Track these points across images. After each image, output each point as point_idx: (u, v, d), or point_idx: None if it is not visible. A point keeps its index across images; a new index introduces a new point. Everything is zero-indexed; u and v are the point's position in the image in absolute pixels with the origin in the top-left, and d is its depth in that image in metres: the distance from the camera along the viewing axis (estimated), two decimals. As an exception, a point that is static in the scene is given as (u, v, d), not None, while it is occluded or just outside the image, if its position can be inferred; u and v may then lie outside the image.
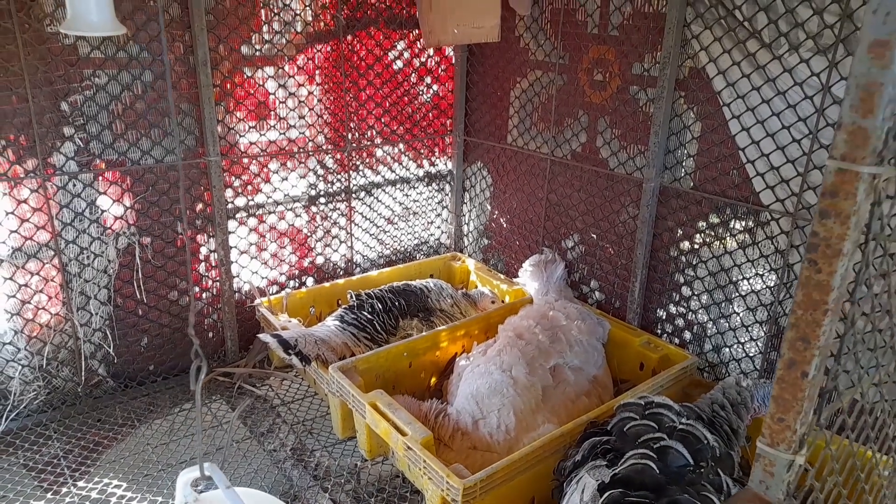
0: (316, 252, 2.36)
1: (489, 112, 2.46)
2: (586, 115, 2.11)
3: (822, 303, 0.64)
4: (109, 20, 1.28)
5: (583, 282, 2.25)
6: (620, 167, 2.03)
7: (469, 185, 2.65)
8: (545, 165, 2.28)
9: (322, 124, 2.21)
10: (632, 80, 1.94)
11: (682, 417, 1.36)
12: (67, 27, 1.30)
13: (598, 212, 2.13)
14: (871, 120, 0.59)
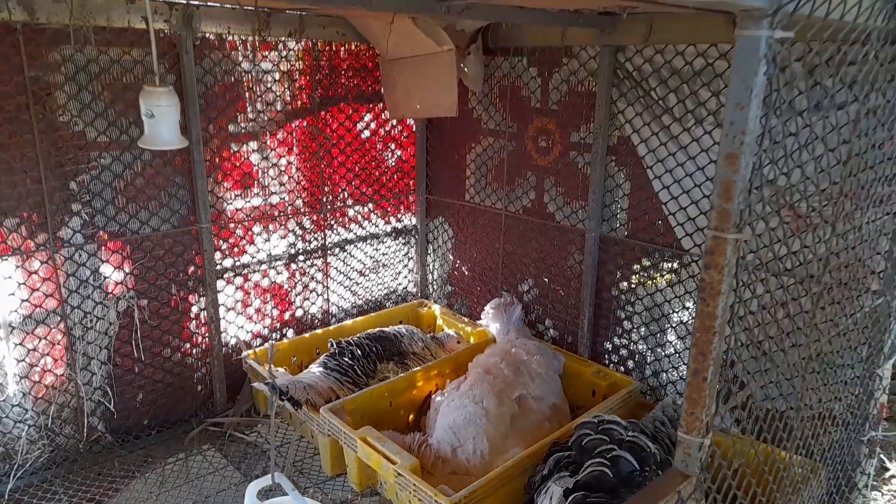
0: (296, 305, 2.57)
1: (448, 173, 2.76)
2: (534, 176, 2.43)
3: (711, 327, 0.93)
4: (177, 137, 1.61)
5: (538, 321, 2.53)
6: (566, 220, 2.35)
7: (432, 238, 2.92)
8: (500, 219, 2.58)
9: (300, 189, 2.45)
10: (571, 146, 2.28)
11: (629, 431, 1.63)
12: (144, 143, 1.62)
13: (549, 259, 2.43)
14: (730, 204, 0.89)
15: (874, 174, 1.56)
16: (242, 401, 2.37)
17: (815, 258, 1.53)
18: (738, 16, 0.81)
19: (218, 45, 2.09)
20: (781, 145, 1.04)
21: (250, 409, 2.37)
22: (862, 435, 1.69)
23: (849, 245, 1.62)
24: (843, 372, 1.70)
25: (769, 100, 0.88)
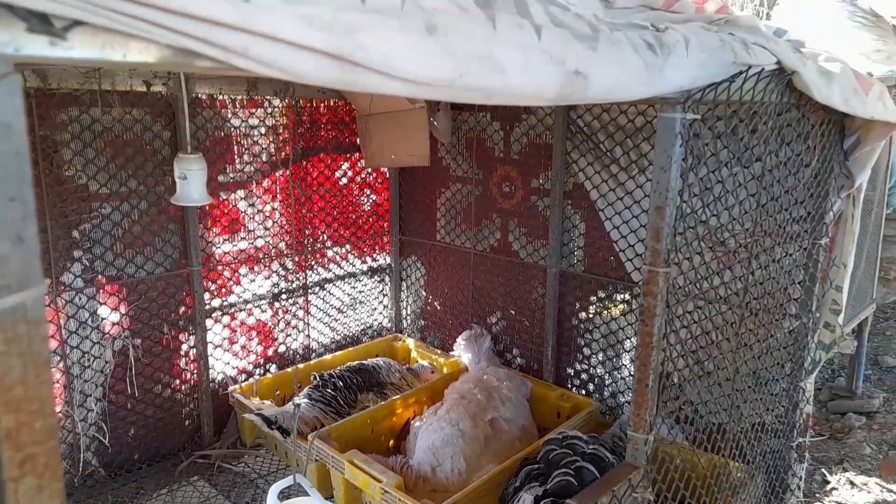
0: (278, 342, 2.72)
1: (420, 215, 2.98)
2: (499, 218, 2.67)
3: (650, 343, 1.15)
4: (204, 195, 1.89)
5: (507, 350, 2.74)
6: (529, 257, 2.58)
7: (406, 276, 3.12)
8: (469, 257, 2.80)
9: (283, 233, 2.63)
10: (532, 191, 2.53)
11: (590, 445, 1.84)
12: (177, 200, 1.89)
13: (514, 293, 2.66)
14: (659, 245, 1.12)
15: (788, 215, 1.84)
16: (229, 433, 2.48)
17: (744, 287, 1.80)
18: (659, 103, 1.06)
19: (210, 104, 2.29)
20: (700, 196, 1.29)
21: (236, 441, 2.49)
22: (791, 441, 1.93)
23: (771, 275, 1.90)
24: (772, 386, 1.95)
25: (685, 162, 1.13)
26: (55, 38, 0.39)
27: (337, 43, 0.50)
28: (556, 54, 0.70)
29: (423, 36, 0.56)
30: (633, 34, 0.84)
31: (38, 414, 0.42)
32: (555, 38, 0.71)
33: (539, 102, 0.70)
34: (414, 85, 0.58)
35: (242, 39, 0.45)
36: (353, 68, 0.53)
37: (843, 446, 3.72)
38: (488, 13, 0.64)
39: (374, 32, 0.53)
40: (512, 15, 0.67)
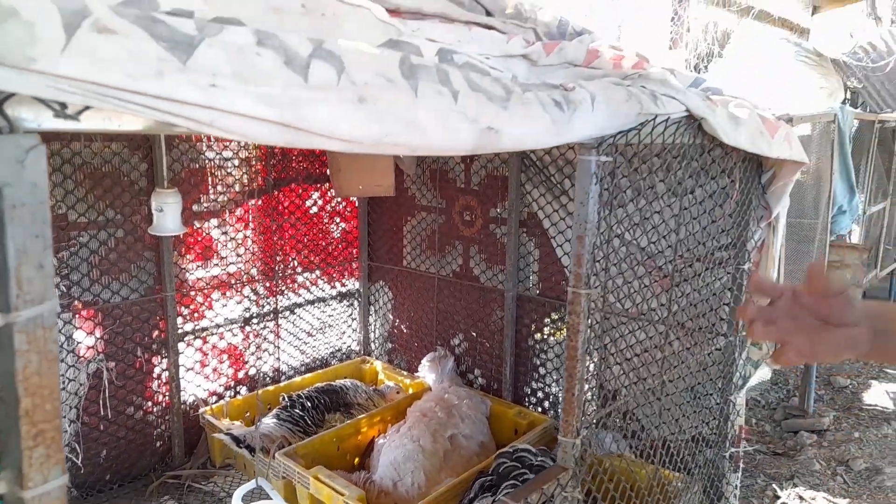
0: (249, 364, 2.82)
1: (387, 242, 3.13)
2: (461, 244, 2.83)
3: (575, 356, 1.31)
4: (179, 226, 2.07)
5: (469, 370, 2.88)
6: (488, 281, 2.74)
7: (374, 300, 3.25)
8: (433, 282, 2.95)
9: (255, 260, 2.76)
10: (490, 220, 2.70)
11: (538, 457, 1.97)
12: (154, 230, 2.06)
13: (475, 316, 2.81)
14: (581, 269, 1.28)
15: (716, 242, 2.03)
16: (199, 454, 2.57)
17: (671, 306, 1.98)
18: (577, 147, 1.23)
19: (186, 138, 2.43)
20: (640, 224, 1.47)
21: (206, 461, 2.57)
22: (724, 452, 2.09)
23: (703, 297, 2.08)
24: (706, 400, 2.12)
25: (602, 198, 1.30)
26: (71, 120, 0.53)
27: (284, 115, 0.66)
28: (470, 114, 0.87)
29: (355, 105, 0.72)
30: (543, 94, 1.01)
31: (49, 398, 0.56)
32: (470, 101, 0.87)
33: (457, 154, 0.86)
34: (349, 143, 0.74)
35: (209, 115, 0.61)
36: (298, 133, 0.68)
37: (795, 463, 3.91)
38: (412, 83, 0.80)
39: (314, 105, 0.68)
40: (433, 83, 0.83)
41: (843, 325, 0.88)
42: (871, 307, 0.94)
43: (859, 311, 0.90)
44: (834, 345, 0.89)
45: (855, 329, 0.89)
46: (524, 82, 1.03)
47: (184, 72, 0.59)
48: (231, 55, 0.63)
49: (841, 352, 0.92)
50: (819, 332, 0.87)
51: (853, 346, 0.91)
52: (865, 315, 0.91)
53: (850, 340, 0.89)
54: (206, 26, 0.63)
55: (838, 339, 0.89)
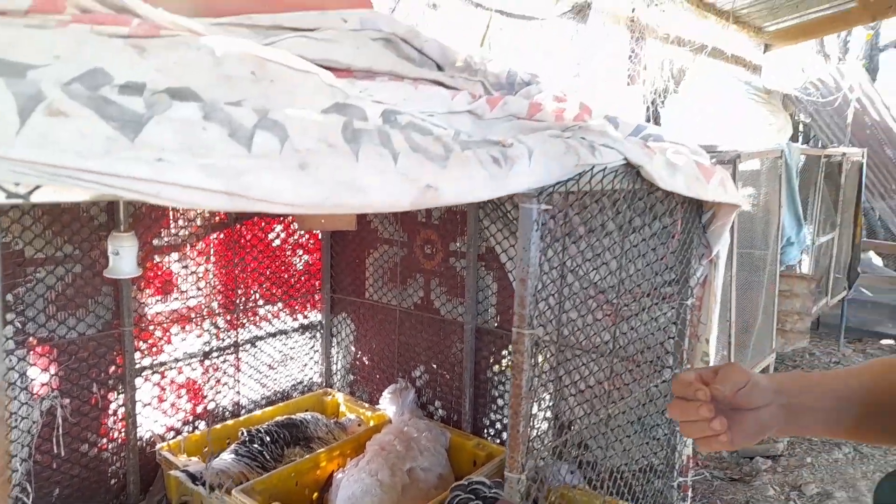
0: (208, 399, 2.80)
1: (350, 274, 3.16)
2: (422, 277, 2.89)
3: (519, 394, 1.37)
4: (135, 269, 2.09)
5: (429, 402, 2.91)
6: (448, 314, 2.80)
7: (336, 332, 3.27)
8: (395, 314, 2.99)
9: (216, 293, 2.76)
10: (450, 253, 2.77)
11: (491, 489, 2.02)
12: (110, 273, 2.07)
13: (436, 348, 2.85)
14: (524, 310, 1.35)
15: (661, 279, 2.13)
16: (155, 491, 2.53)
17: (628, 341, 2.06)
18: (519, 196, 1.31)
19: (147, 173, 2.45)
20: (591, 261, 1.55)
21: (162, 499, 2.54)
22: (672, 482, 2.16)
23: (650, 331, 2.17)
24: (655, 431, 2.19)
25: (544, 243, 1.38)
26: (22, 198, 0.58)
27: (228, 184, 0.71)
28: (410, 175, 0.93)
29: (297, 172, 0.78)
30: (481, 151, 1.08)
31: (-6, 455, 0.59)
32: (410, 162, 0.93)
33: (397, 210, 0.92)
34: (291, 207, 0.79)
35: (155, 188, 0.66)
36: (241, 199, 0.74)
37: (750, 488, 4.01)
38: (354, 147, 0.86)
39: (257, 173, 0.74)
40: (375, 146, 0.90)
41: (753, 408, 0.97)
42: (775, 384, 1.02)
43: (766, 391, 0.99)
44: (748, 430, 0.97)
45: (764, 410, 0.97)
46: (465, 139, 1.10)
47: (132, 149, 0.64)
48: (178, 130, 0.68)
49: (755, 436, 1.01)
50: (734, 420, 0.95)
51: (765, 428, 1.00)
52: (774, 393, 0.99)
53: (760, 423, 0.98)
54: (156, 103, 0.69)
55: (750, 423, 0.97)
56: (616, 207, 1.86)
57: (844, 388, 1.05)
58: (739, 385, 0.96)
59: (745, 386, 0.96)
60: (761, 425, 0.97)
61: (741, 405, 0.96)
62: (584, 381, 2.18)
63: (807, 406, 1.00)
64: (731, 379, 0.96)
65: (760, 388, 0.97)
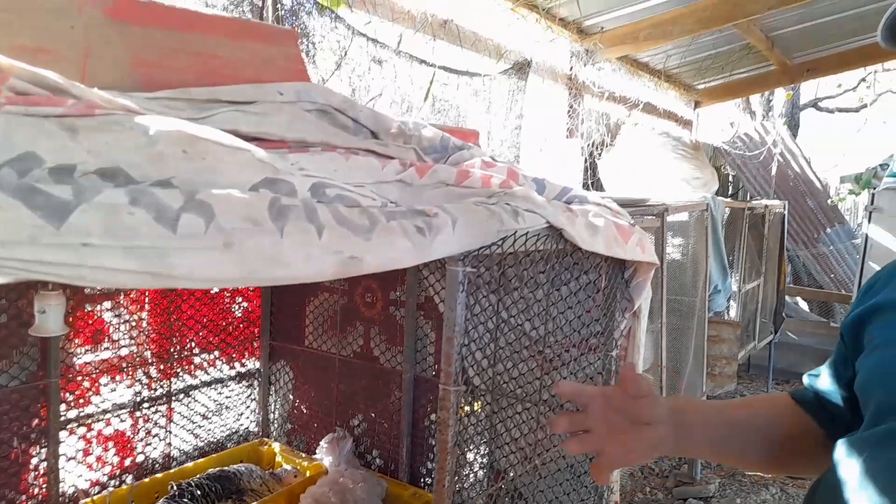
0: (137, 451, 2.72)
1: (290, 322, 3.16)
2: (362, 326, 2.92)
3: (445, 449, 1.41)
4: (61, 327, 2.04)
5: (367, 451, 2.91)
6: (387, 362, 2.82)
7: (274, 381, 3.24)
8: (334, 363, 3.00)
9: (149, 342, 2.71)
10: (390, 302, 2.82)
11: (427, 540, 2.03)
12: (35, 331, 2.01)
13: (375, 396, 2.87)
14: (450, 368, 1.41)
15: (589, 331, 2.24)
16: (76, 551, 2.42)
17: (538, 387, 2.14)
18: (446, 259, 1.39)
19: (82, 221, 2.42)
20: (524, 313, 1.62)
21: (84, 559, 2.43)
22: (602, 527, 2.23)
23: (578, 381, 2.26)
24: (585, 478, 2.26)
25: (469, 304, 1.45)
26: (-55, 285, 0.61)
27: (152, 265, 0.76)
28: (334, 247, 0.99)
29: (220, 251, 0.83)
30: (406, 222, 1.16)
31: None
32: (334, 235, 1.00)
33: (320, 280, 0.98)
34: (214, 282, 0.84)
35: (80, 272, 0.69)
36: (165, 278, 0.78)
37: (683, 529, 4.11)
38: (279, 224, 0.92)
39: (181, 253, 0.79)
40: (300, 221, 0.96)
41: (651, 423, 1.02)
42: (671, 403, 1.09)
43: (663, 407, 1.06)
44: (643, 446, 1.03)
45: (661, 427, 1.04)
46: (392, 210, 1.18)
47: (58, 236, 0.68)
48: (104, 216, 0.73)
49: (650, 453, 1.07)
50: (630, 434, 1.01)
51: (660, 446, 1.06)
52: (669, 413, 1.06)
53: (656, 440, 1.04)
54: (84, 189, 0.73)
55: (647, 439, 1.03)
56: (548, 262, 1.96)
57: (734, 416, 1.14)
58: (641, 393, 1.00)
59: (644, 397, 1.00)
60: (657, 440, 1.01)
61: (640, 417, 1.00)
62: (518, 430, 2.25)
63: (699, 429, 1.08)
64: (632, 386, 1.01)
65: (659, 403, 1.03)
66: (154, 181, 0.83)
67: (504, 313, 2.07)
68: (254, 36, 1.40)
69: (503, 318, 2.09)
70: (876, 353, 1.02)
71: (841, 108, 12.37)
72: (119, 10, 1.20)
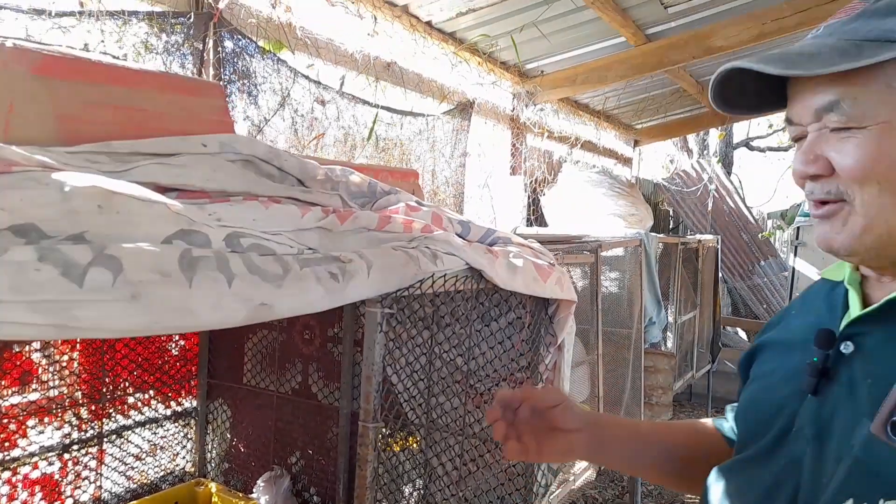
0: (65, 495, 2.65)
1: (228, 360, 3.15)
2: (300, 363, 2.94)
3: (364, 485, 1.47)
4: None
5: (304, 489, 2.90)
6: (325, 399, 2.85)
7: (212, 419, 3.21)
8: (272, 400, 3.00)
9: (80, 382, 2.67)
10: (328, 339, 2.86)
11: (357, 576, 2.05)
12: None
13: (312, 433, 2.88)
14: (369, 405, 1.47)
15: (516, 364, 2.33)
16: None
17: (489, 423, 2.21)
18: (365, 300, 1.46)
19: (11, 260, 2.40)
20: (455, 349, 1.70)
21: None
22: (531, 558, 2.29)
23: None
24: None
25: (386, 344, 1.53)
26: None
27: (56, 318, 0.81)
28: (244, 295, 1.06)
29: (127, 302, 0.89)
30: (320, 268, 1.23)
31: None
32: (245, 284, 1.06)
33: (229, 327, 1.04)
34: (122, 333, 0.90)
35: (-16, 326, 0.74)
36: (71, 330, 0.83)
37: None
38: (188, 275, 0.98)
39: (87, 306, 0.84)
40: (211, 271, 1.02)
41: (566, 430, 1.14)
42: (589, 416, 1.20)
43: (580, 418, 1.17)
44: (555, 450, 1.15)
45: (575, 434, 1.15)
46: (307, 257, 1.25)
47: (-37, 293, 0.73)
48: (12, 273, 0.78)
49: (561, 457, 1.18)
50: (546, 436, 1.13)
51: (572, 451, 1.18)
52: (586, 423, 1.17)
53: (569, 445, 1.15)
54: (-8, 248, 0.78)
55: (559, 444, 1.15)
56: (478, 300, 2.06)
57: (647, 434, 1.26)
58: (554, 402, 1.13)
59: (559, 405, 1.13)
60: (570, 446, 1.13)
61: (556, 423, 1.13)
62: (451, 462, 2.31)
63: (614, 441, 1.19)
64: (548, 395, 1.13)
65: (574, 412, 1.15)
66: (67, 236, 0.89)
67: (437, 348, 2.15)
68: (180, 88, 1.47)
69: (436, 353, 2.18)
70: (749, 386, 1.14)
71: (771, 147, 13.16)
72: (45, 67, 1.25)
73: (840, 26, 0.85)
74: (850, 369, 0.85)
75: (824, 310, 0.99)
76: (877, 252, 0.84)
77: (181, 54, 2.80)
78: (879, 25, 0.80)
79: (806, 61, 0.81)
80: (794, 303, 1.15)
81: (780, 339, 1.09)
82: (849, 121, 0.81)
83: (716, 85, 0.93)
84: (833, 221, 0.85)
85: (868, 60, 0.78)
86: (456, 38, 4.31)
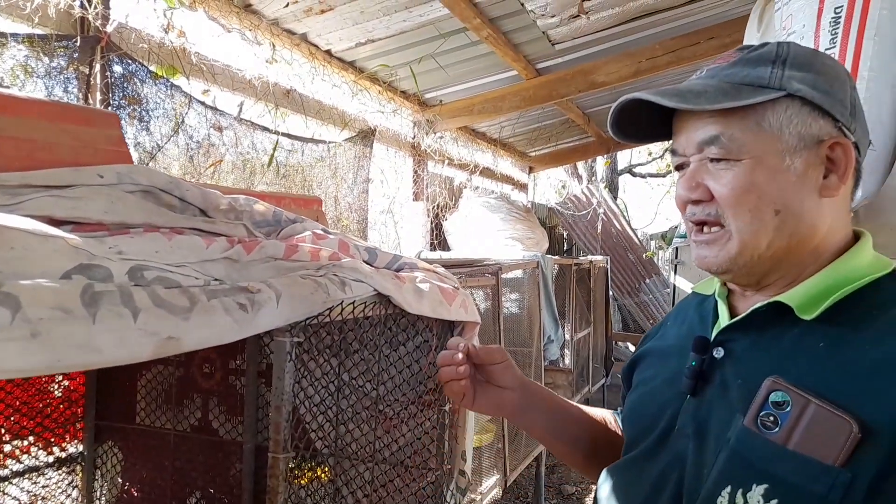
0: (-75, 562, 2.37)
1: (119, 399, 2.97)
2: (200, 398, 2.82)
3: None
4: None
5: (206, 531, 2.77)
6: (227, 434, 2.75)
7: (100, 464, 3.00)
8: (170, 438, 2.86)
9: (-55, 433, 2.42)
10: (230, 371, 2.77)
11: None
12: None
13: (214, 470, 2.76)
14: (279, 436, 1.47)
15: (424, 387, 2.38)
16: None
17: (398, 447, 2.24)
18: (274, 330, 1.46)
19: None
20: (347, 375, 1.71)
21: None
22: (442, 578, 2.32)
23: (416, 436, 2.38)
24: (425, 532, 2.36)
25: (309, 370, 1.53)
26: None
27: (-52, 360, 0.77)
28: (150, 329, 1.04)
29: (27, 341, 0.86)
30: (228, 299, 1.23)
31: None
32: (151, 318, 1.05)
33: (135, 362, 1.02)
34: (21, 372, 0.86)
35: None
36: (-38, 372, 0.79)
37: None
38: (91, 311, 0.96)
39: (-20, 347, 0.81)
40: (115, 306, 1.00)
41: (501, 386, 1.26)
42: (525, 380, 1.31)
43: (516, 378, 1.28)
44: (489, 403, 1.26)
45: (508, 392, 1.27)
46: (214, 288, 1.24)
47: None
48: None
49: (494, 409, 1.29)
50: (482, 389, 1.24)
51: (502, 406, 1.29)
52: (520, 385, 1.29)
53: (500, 401, 1.27)
54: None
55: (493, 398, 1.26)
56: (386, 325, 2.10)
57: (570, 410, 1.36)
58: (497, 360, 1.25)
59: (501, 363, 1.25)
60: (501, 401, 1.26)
61: (494, 379, 1.24)
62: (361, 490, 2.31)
63: (540, 409, 1.29)
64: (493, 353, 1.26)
65: (512, 373, 1.28)
66: (-44, 274, 0.85)
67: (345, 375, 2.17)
68: (73, 118, 1.42)
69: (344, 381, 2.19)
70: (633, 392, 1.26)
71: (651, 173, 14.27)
72: (-79, 95, 1.18)
73: (720, 70, 0.97)
74: (722, 372, 0.97)
75: (696, 320, 1.13)
76: (747, 270, 0.96)
77: (64, 78, 2.67)
78: (752, 73, 0.92)
79: (695, 98, 0.92)
80: (669, 315, 1.29)
81: (658, 348, 1.22)
82: (727, 153, 0.90)
83: (615, 112, 1.05)
84: (711, 246, 0.98)
85: (745, 101, 0.87)
86: (356, 66, 4.38)
